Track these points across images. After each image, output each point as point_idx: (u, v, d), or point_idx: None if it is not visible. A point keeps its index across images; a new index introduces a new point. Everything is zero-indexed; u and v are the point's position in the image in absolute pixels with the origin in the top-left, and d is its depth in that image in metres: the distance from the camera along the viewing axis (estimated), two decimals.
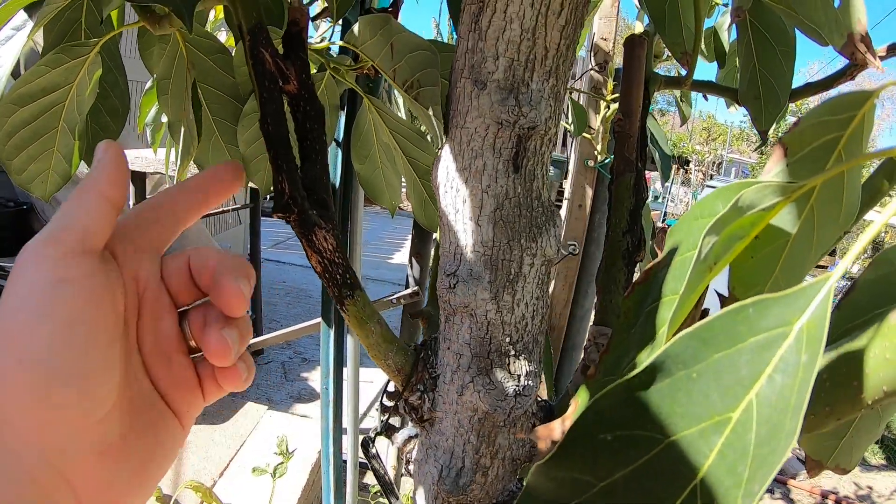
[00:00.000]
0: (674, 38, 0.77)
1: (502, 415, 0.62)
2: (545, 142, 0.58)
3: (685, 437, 0.25)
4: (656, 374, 0.25)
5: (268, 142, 0.56)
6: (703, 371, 0.25)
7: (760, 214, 0.34)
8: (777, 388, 0.23)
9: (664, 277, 0.40)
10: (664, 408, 0.25)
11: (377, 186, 1.08)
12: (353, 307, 0.59)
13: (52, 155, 0.79)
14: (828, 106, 0.37)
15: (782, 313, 0.24)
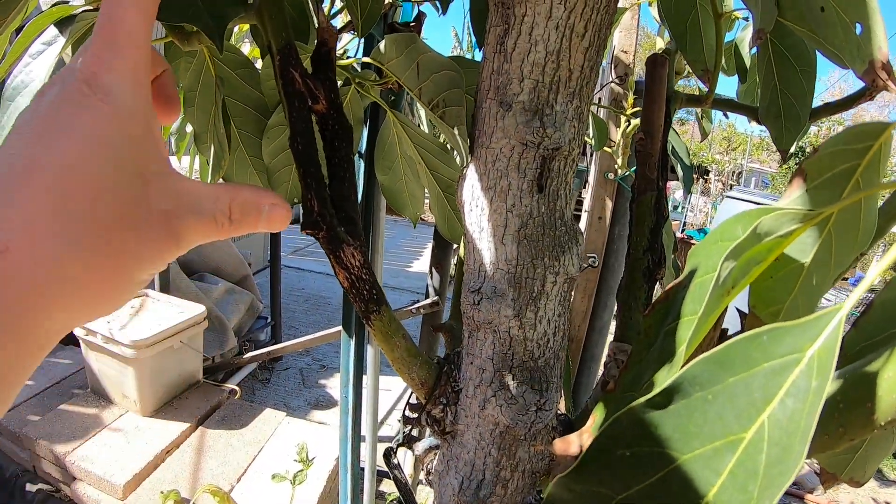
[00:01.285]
0: (695, 56, 0.79)
1: (523, 429, 0.63)
2: (568, 162, 0.60)
3: (699, 455, 0.26)
4: (674, 395, 0.27)
5: (297, 160, 0.57)
6: (718, 393, 0.26)
7: (778, 241, 0.36)
8: (788, 411, 0.25)
9: (684, 298, 0.42)
10: (680, 427, 0.27)
11: (400, 197, 1.10)
12: (379, 322, 0.61)
13: None
14: (846, 135, 0.38)
15: (795, 341, 0.26)
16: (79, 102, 0.33)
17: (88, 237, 0.32)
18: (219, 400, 3.36)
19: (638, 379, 0.47)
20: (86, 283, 0.33)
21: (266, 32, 0.60)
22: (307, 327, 5.59)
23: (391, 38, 0.73)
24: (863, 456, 0.48)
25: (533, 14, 0.54)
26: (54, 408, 3.20)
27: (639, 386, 0.46)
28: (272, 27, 0.59)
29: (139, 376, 3.03)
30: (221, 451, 2.79)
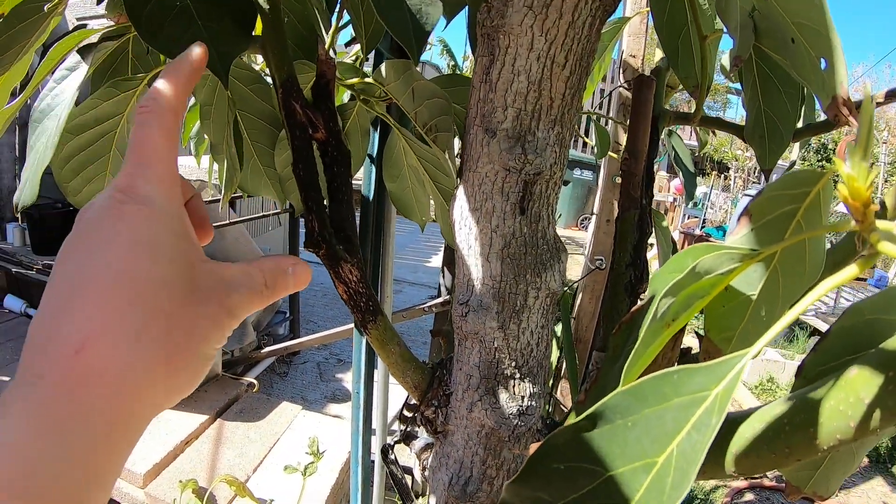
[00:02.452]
0: (686, 72, 0.82)
1: (507, 431, 0.67)
2: (550, 185, 0.63)
3: (622, 472, 0.30)
4: (597, 420, 0.31)
5: (300, 185, 0.62)
6: (637, 421, 0.30)
7: (719, 278, 0.39)
8: (692, 442, 0.29)
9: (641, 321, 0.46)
10: (605, 448, 0.31)
11: (407, 204, 1.14)
12: (375, 331, 0.65)
13: (105, 177, 0.85)
14: (784, 181, 0.42)
15: (704, 380, 0.30)
16: (119, 212, 0.37)
17: (156, 327, 0.35)
18: (237, 393, 3.41)
19: (602, 392, 0.50)
20: (164, 367, 0.36)
21: (270, 66, 0.64)
22: (325, 321, 5.64)
23: (390, 64, 0.77)
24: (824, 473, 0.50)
25: (516, 46, 0.58)
26: None
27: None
28: (275, 62, 0.63)
29: None
30: (239, 442, 2.85)
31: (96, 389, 0.33)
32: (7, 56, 0.66)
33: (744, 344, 0.50)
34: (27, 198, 0.70)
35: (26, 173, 0.70)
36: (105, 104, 0.77)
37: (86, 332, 0.33)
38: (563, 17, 0.57)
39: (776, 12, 0.57)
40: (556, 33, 0.57)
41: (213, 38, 0.55)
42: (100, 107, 0.77)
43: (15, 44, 0.66)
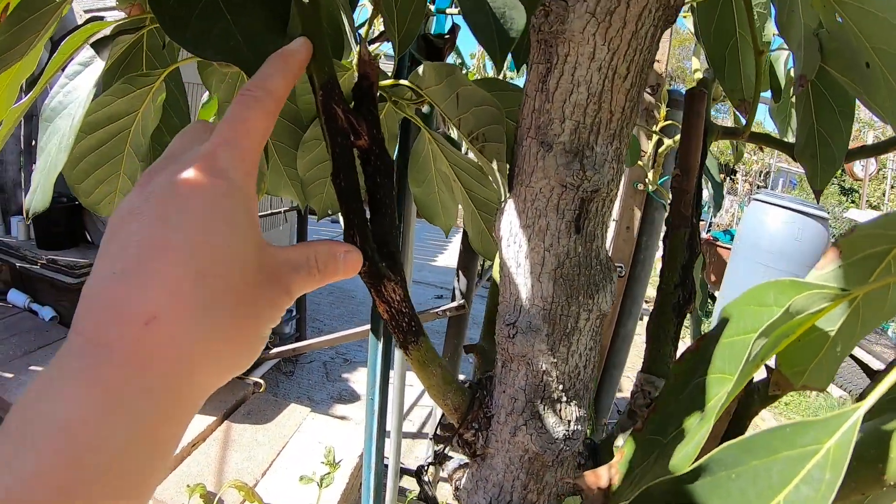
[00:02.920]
0: (732, 85, 0.80)
1: (551, 456, 0.66)
2: (606, 203, 0.62)
3: None
4: (701, 473, 0.30)
5: (340, 196, 0.59)
6: (741, 473, 0.29)
7: (807, 317, 0.38)
8: (801, 496, 0.27)
9: (713, 353, 0.44)
10: (706, 501, 0.29)
11: (433, 209, 1.12)
12: (417, 352, 0.64)
13: (118, 178, 0.83)
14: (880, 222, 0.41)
15: (815, 434, 0.29)
16: (198, 181, 0.37)
17: (225, 302, 0.35)
18: (244, 394, 3.41)
19: (665, 424, 0.49)
20: (226, 344, 0.36)
21: (308, 66, 0.61)
22: (332, 320, 5.64)
23: (431, 66, 0.75)
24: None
25: (576, 55, 0.56)
26: None
27: (665, 432, 0.49)
28: (314, 61, 0.60)
29: None
30: (247, 445, 2.84)
31: (164, 364, 0.33)
32: (16, 50, 0.64)
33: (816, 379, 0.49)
34: (39, 204, 0.68)
35: (38, 177, 0.68)
36: (119, 101, 0.75)
37: (157, 303, 0.33)
38: (627, 27, 0.55)
39: (850, 34, 0.56)
40: (619, 43, 0.56)
41: (244, 34, 0.54)
42: (113, 104, 0.75)
43: (24, 37, 0.64)
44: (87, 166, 0.79)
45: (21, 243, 4.62)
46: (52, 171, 0.65)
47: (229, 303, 0.36)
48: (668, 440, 0.47)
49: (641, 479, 0.49)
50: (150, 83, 0.76)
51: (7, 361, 3.72)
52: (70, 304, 4.43)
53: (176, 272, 0.33)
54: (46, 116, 0.69)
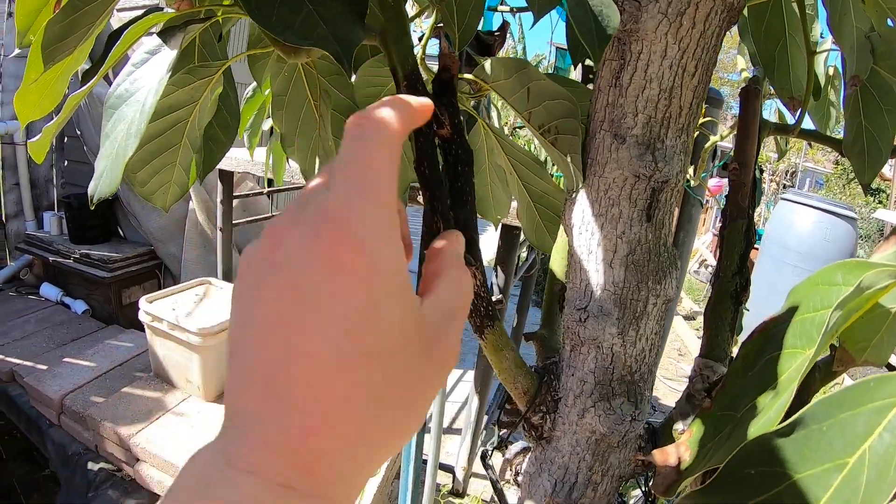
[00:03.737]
0: (782, 84, 0.84)
1: (617, 437, 0.70)
2: (674, 193, 0.67)
3: (811, 474, 0.34)
4: (795, 427, 0.34)
5: (423, 184, 0.63)
6: (831, 426, 0.34)
7: (875, 292, 0.42)
8: (885, 443, 0.32)
9: (784, 332, 0.49)
10: (798, 452, 0.34)
11: (485, 201, 1.15)
12: (492, 336, 0.68)
13: (174, 168, 0.85)
14: None
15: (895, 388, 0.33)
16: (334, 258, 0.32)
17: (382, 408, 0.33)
18: None
19: (737, 401, 0.53)
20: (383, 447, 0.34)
21: (391, 57, 0.64)
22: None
23: (499, 61, 0.78)
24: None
25: (648, 52, 0.61)
26: (118, 390, 3.33)
27: (738, 407, 0.53)
28: (398, 53, 0.63)
29: (204, 363, 3.17)
30: None
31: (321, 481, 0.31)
32: (69, 41, 0.65)
33: (877, 354, 0.53)
34: (105, 190, 0.67)
35: (104, 163, 0.68)
36: (179, 91, 0.77)
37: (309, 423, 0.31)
38: (696, 27, 0.60)
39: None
40: (688, 42, 0.60)
41: (328, 23, 0.55)
42: (174, 94, 0.77)
43: (78, 28, 0.65)
44: (145, 155, 0.81)
45: (54, 238, 4.71)
46: (121, 157, 0.66)
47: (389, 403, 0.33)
48: (741, 414, 0.51)
49: (715, 454, 0.53)
50: (210, 74, 0.78)
51: (41, 353, 3.80)
52: (102, 297, 4.52)
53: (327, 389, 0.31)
54: (111, 104, 0.69)
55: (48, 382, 3.45)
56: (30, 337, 4.05)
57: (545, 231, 1.04)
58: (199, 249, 4.47)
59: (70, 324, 4.33)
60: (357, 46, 0.56)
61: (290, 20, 0.54)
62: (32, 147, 0.68)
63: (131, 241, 4.87)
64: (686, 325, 6.74)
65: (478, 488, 3.14)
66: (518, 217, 1.08)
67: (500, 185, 1.12)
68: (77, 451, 3.25)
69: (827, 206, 5.97)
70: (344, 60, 0.55)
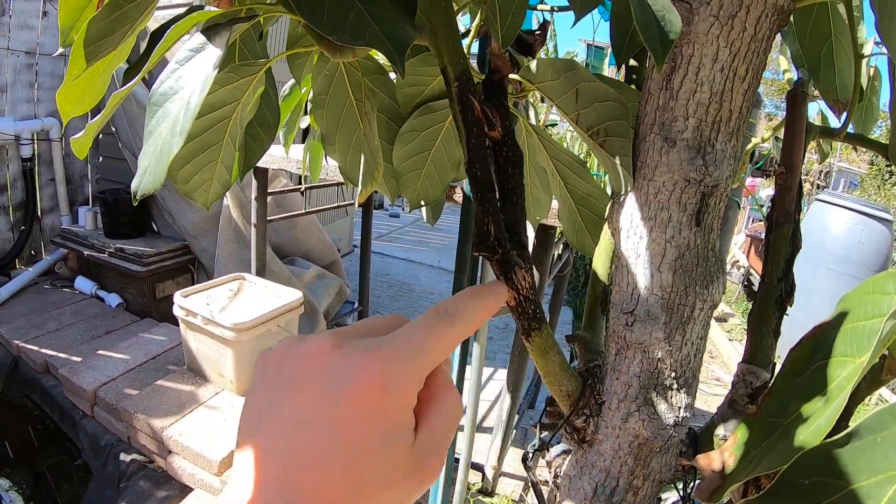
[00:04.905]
0: (827, 87, 0.84)
1: (661, 441, 0.71)
2: (723, 198, 0.67)
3: (865, 485, 0.34)
4: (851, 438, 0.35)
5: (475, 186, 0.64)
6: (886, 437, 0.34)
7: None
8: None
9: (834, 338, 0.49)
10: (852, 463, 0.35)
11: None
12: (539, 339, 0.69)
13: (215, 166, 0.86)
14: None
15: None
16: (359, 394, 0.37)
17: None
18: None
19: (784, 407, 0.53)
20: None
21: (442, 58, 0.64)
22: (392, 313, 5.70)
23: (548, 62, 0.78)
24: None
25: (700, 56, 0.62)
26: (151, 383, 3.39)
27: (785, 414, 0.53)
28: (448, 54, 0.64)
29: (237, 357, 3.21)
30: None
31: None
32: (112, 38, 0.66)
33: None
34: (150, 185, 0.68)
35: (146, 160, 0.69)
36: (223, 90, 0.78)
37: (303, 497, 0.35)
38: (747, 30, 0.60)
39: None
40: (739, 45, 0.61)
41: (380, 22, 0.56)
42: (217, 92, 0.78)
43: (121, 25, 0.66)
44: (187, 153, 0.82)
45: (88, 232, 4.79)
46: (165, 154, 0.67)
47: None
48: (788, 421, 0.51)
49: (762, 460, 0.53)
50: (253, 73, 0.79)
51: (75, 346, 3.87)
52: (136, 291, 4.58)
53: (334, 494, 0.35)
54: (155, 101, 0.69)
55: (82, 374, 3.52)
56: (64, 329, 4.13)
57: (587, 233, 1.04)
58: (232, 245, 4.52)
59: (104, 316, 4.41)
60: (410, 45, 0.57)
61: (342, 20, 0.55)
62: (75, 143, 0.69)
63: (165, 236, 4.94)
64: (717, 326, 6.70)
65: (507, 488, 3.14)
66: (559, 218, 1.08)
67: (540, 185, 1.13)
68: (109, 442, 3.31)
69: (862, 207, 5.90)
70: (397, 60, 0.56)
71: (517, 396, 2.90)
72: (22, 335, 3.96)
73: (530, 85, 0.81)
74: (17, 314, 4.28)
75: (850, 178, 18.94)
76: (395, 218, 10.85)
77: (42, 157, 5.05)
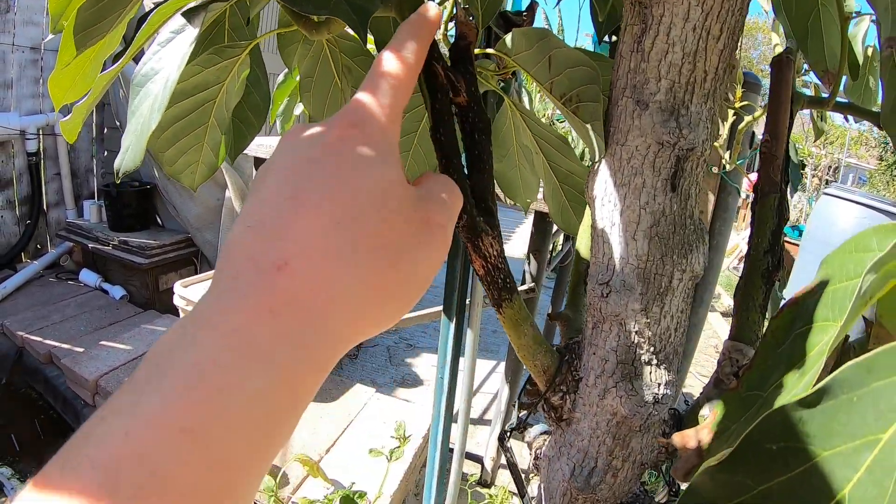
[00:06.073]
0: (816, 57, 0.80)
1: (639, 420, 0.67)
2: (700, 163, 0.63)
3: (839, 452, 0.30)
4: (823, 395, 0.30)
5: (440, 151, 0.61)
6: (863, 396, 0.30)
7: None
8: None
9: (815, 304, 0.45)
10: (825, 426, 0.30)
11: (513, 184, 1.13)
12: (510, 310, 0.65)
13: (201, 148, 0.85)
14: None
15: None
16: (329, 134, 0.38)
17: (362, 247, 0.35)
18: None
19: (764, 379, 0.50)
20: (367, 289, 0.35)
21: None
22: None
23: (521, 32, 0.76)
24: None
25: (671, 15, 0.58)
26: None
27: (765, 386, 0.49)
28: None
29: None
30: (312, 422, 2.89)
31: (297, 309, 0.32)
32: (101, 26, 0.66)
33: None
34: (130, 163, 0.68)
35: (129, 139, 0.69)
36: (205, 71, 0.78)
37: (288, 251, 0.33)
38: None
39: None
40: (712, 4, 0.57)
41: None
42: (200, 74, 0.77)
43: (110, 13, 0.66)
44: (171, 135, 0.82)
45: (93, 225, 4.80)
46: (145, 131, 0.66)
47: (367, 247, 0.35)
48: (767, 393, 0.48)
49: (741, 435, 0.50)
50: (236, 55, 0.78)
51: (78, 337, 3.86)
52: (140, 283, 4.58)
53: (308, 219, 0.34)
54: (138, 82, 0.69)
55: (85, 364, 3.50)
56: (68, 321, 4.12)
57: (571, 212, 1.02)
58: None
59: (108, 308, 4.39)
60: (372, 15, 0.56)
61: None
62: (64, 126, 0.68)
63: (169, 229, 4.95)
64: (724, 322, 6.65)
65: (506, 479, 3.12)
66: (544, 199, 1.06)
67: (529, 167, 1.10)
68: None
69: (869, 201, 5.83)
70: (360, 29, 0.55)
71: (515, 388, 2.87)
72: (27, 327, 3.94)
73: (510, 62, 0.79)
74: (22, 306, 4.27)
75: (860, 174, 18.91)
76: None
77: (47, 151, 5.04)
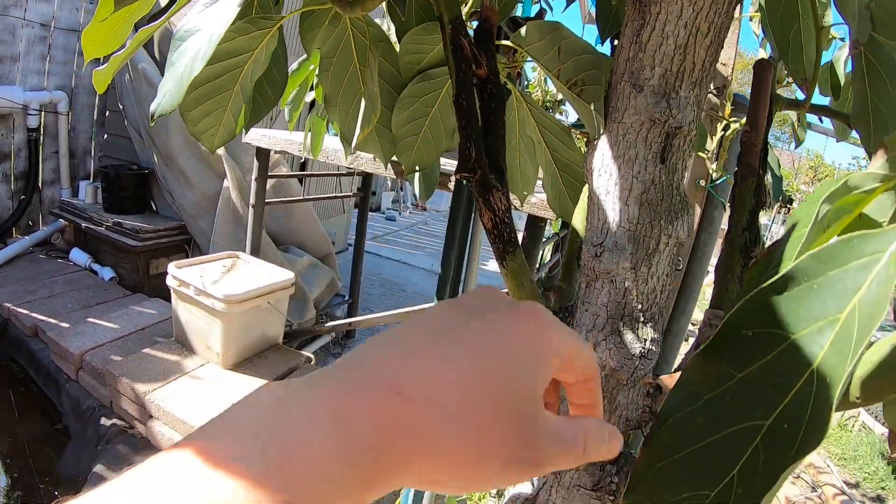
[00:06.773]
0: (796, 66, 0.88)
1: (627, 373, 0.73)
2: (686, 141, 0.70)
3: (807, 333, 0.35)
4: (788, 283, 0.36)
5: (460, 114, 0.68)
6: (822, 283, 0.36)
7: (863, 195, 0.45)
8: (873, 293, 0.34)
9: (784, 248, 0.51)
10: (792, 311, 0.36)
11: (513, 176, 1.17)
12: (513, 263, 0.71)
13: (224, 113, 0.88)
14: None
15: (879, 243, 0.35)
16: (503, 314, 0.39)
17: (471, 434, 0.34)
18: (296, 363, 3.52)
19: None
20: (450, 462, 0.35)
21: (439, 4, 0.71)
22: (381, 310, 5.76)
23: (534, 24, 0.83)
24: None
25: (666, 13, 0.66)
26: (138, 351, 3.40)
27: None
28: (445, 2, 0.70)
29: (226, 330, 3.22)
30: None
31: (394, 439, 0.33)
32: None
33: None
34: (167, 105, 0.70)
35: (167, 84, 0.71)
36: (239, 38, 0.80)
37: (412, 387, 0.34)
38: None
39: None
40: (701, 5, 0.66)
41: None
42: (233, 40, 0.79)
43: None
44: (199, 96, 0.84)
45: (88, 206, 4.80)
46: (185, 77, 0.68)
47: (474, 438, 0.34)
48: None
49: None
50: (269, 26, 0.81)
51: (65, 313, 3.88)
52: (130, 266, 4.59)
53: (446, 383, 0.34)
54: (180, 37, 0.71)
55: (70, 338, 3.53)
56: (56, 297, 4.14)
57: (567, 198, 1.08)
58: (229, 226, 4.54)
59: (96, 288, 4.41)
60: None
61: None
62: (97, 76, 0.70)
63: (163, 215, 4.96)
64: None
65: None
66: (543, 187, 1.11)
67: (529, 159, 1.15)
68: (91, 406, 3.31)
69: None
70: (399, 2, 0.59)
71: None
72: (13, 299, 3.96)
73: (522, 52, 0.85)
74: (10, 279, 4.29)
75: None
76: (391, 221, 10.88)
77: (48, 129, 5.05)
